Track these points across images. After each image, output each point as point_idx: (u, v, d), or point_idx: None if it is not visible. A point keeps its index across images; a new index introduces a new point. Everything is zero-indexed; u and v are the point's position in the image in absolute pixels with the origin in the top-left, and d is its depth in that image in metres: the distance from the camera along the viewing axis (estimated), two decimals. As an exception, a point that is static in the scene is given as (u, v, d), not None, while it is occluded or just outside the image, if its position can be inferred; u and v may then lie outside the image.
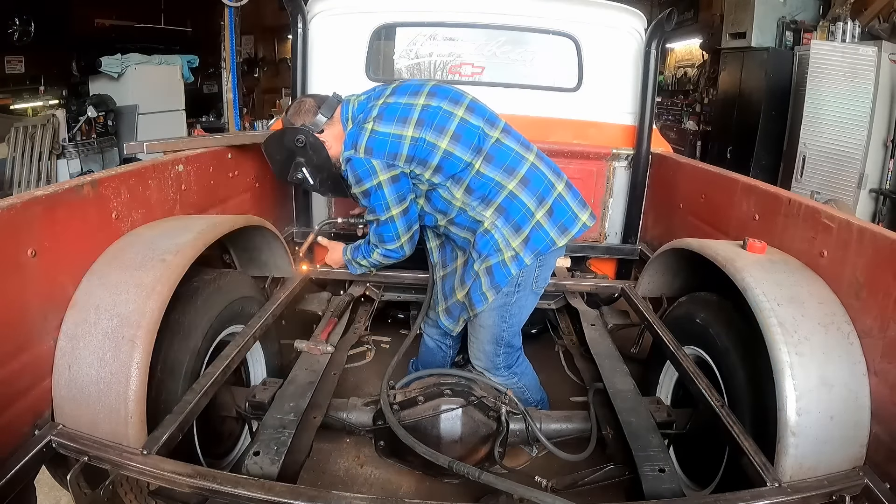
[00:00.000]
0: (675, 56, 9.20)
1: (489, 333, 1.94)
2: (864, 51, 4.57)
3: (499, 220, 1.82)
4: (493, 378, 1.96)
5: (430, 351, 2.19)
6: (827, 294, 1.50)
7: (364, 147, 1.78)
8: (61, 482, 1.49)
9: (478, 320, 1.94)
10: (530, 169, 1.83)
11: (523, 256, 1.82)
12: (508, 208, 1.81)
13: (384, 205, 1.84)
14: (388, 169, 1.78)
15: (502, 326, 1.93)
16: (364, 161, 1.78)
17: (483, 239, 1.84)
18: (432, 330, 2.22)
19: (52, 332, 1.38)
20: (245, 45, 9.59)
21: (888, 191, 4.60)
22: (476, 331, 1.98)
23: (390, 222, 1.88)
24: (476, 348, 2.01)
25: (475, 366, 2.03)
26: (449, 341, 2.19)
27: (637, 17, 2.69)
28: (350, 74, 2.70)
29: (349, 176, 1.84)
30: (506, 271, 1.82)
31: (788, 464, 1.32)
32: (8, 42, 6.04)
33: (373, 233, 1.96)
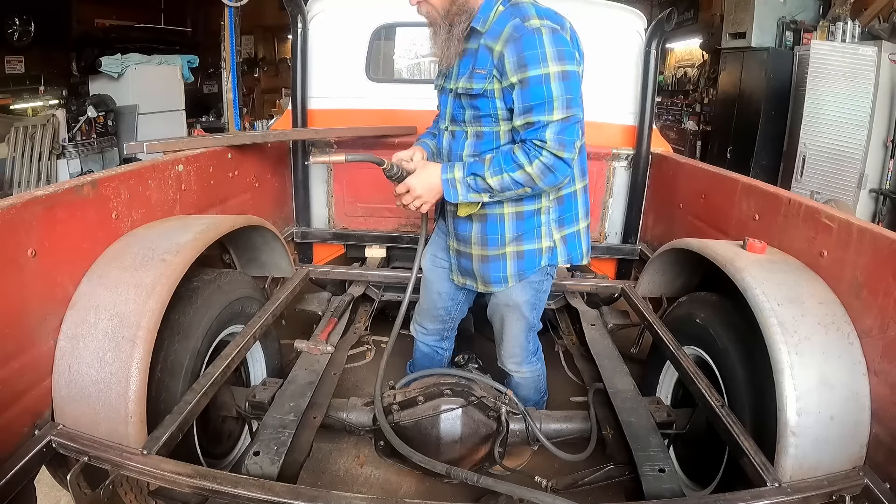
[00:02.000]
0: (675, 56, 9.19)
1: (524, 324, 1.85)
2: (864, 51, 4.57)
3: (555, 206, 1.69)
4: (525, 369, 1.94)
5: (426, 356, 2.16)
6: (827, 294, 1.50)
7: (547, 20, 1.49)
8: (61, 482, 1.49)
9: (512, 315, 1.83)
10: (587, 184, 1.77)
11: (558, 252, 1.72)
12: (567, 202, 1.71)
13: (574, 97, 1.49)
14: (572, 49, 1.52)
15: (534, 314, 1.86)
16: (561, 35, 1.48)
17: (529, 220, 1.68)
18: (426, 337, 2.13)
19: (52, 332, 1.38)
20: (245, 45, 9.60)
21: (888, 191, 4.60)
22: (510, 327, 1.87)
23: (577, 121, 1.51)
24: (511, 344, 1.91)
25: (509, 368, 1.95)
26: (445, 344, 2.15)
27: (637, 17, 2.69)
28: (350, 74, 2.70)
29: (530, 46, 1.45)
30: (537, 260, 1.72)
31: (788, 464, 1.32)
32: (8, 42, 6.04)
33: (545, 135, 1.48)
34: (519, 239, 1.69)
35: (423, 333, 2.12)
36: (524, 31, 1.46)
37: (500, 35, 1.50)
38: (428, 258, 1.97)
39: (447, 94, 1.71)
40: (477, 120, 1.62)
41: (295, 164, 2.71)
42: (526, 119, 1.49)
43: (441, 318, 2.05)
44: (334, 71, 2.70)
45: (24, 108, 6.20)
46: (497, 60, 1.51)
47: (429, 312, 2.06)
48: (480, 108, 1.59)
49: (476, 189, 1.56)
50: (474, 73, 1.57)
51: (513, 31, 1.48)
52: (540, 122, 1.47)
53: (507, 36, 1.48)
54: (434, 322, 2.07)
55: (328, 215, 2.84)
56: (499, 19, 1.53)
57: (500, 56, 1.50)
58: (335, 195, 2.80)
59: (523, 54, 1.46)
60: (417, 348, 2.17)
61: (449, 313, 2.04)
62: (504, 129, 1.59)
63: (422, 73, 2.85)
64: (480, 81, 1.55)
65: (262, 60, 10.31)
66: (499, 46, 1.50)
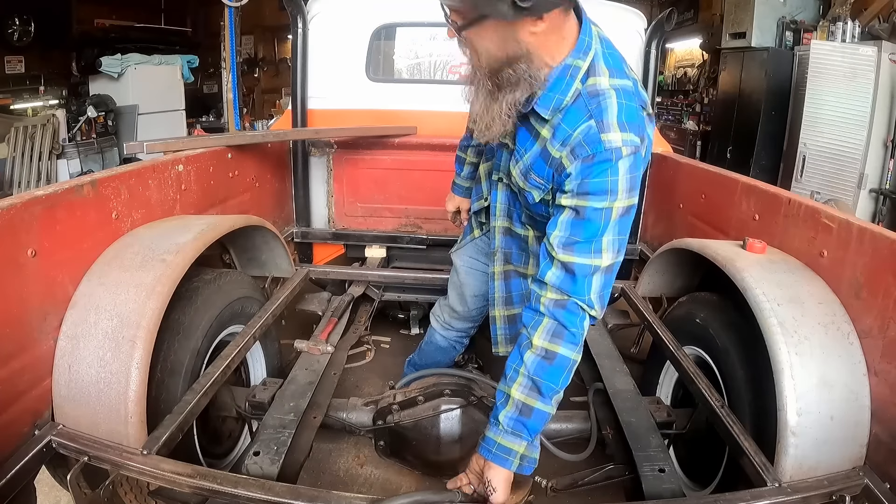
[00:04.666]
0: (675, 56, 9.19)
1: None
2: (864, 51, 4.57)
3: None
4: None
5: (441, 349, 2.06)
6: (827, 294, 1.50)
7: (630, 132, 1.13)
8: (61, 482, 1.49)
9: None
10: None
11: None
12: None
13: (623, 239, 1.20)
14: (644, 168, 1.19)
15: None
16: (639, 157, 1.14)
17: None
18: (449, 332, 2.01)
19: (52, 332, 1.38)
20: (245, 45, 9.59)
21: (888, 191, 4.60)
22: None
23: (617, 268, 1.22)
24: None
25: None
26: (465, 341, 2.07)
27: (637, 17, 2.69)
28: (350, 74, 2.70)
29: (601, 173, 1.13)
30: None
31: (788, 464, 1.32)
32: (8, 42, 6.04)
33: (591, 296, 1.18)
34: None
35: (446, 329, 2.00)
36: (599, 149, 1.13)
37: (569, 141, 1.17)
38: (464, 260, 1.85)
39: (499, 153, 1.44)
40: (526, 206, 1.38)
41: (295, 164, 2.71)
42: (567, 256, 1.16)
43: (472, 318, 1.96)
44: (334, 71, 2.69)
45: (24, 108, 6.20)
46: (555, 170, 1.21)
47: (460, 314, 1.95)
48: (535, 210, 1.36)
49: (534, 431, 1.20)
50: (529, 177, 1.29)
51: (584, 142, 1.14)
52: (584, 267, 1.16)
53: (576, 146, 1.15)
54: (463, 322, 1.98)
55: (328, 215, 2.83)
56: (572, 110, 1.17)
57: (559, 166, 1.19)
58: (335, 195, 2.80)
59: (590, 181, 1.14)
60: (433, 339, 2.05)
61: (481, 314, 1.94)
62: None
63: (422, 73, 2.85)
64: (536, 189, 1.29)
65: (262, 60, 10.31)
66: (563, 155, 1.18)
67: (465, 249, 1.86)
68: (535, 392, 1.18)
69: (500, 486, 1.18)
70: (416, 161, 2.66)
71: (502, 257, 1.60)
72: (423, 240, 2.75)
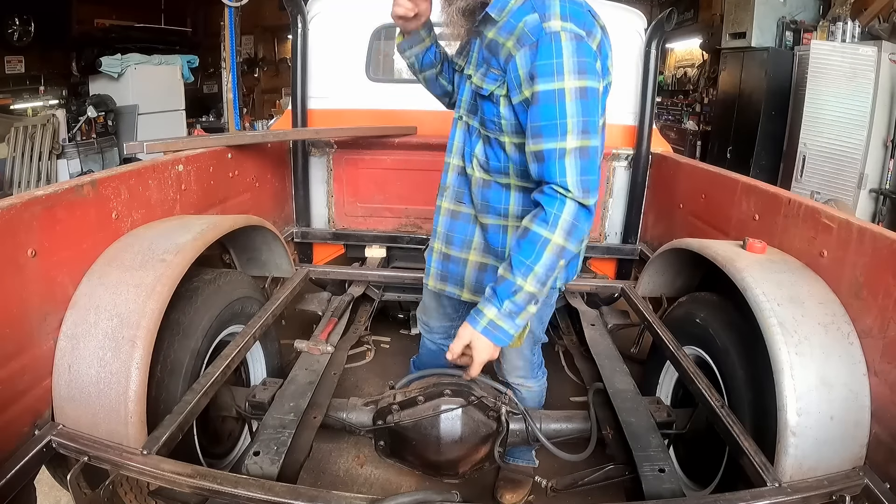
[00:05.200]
0: (675, 56, 9.20)
1: (530, 338, 1.72)
2: (864, 51, 4.57)
3: None
4: (532, 383, 1.84)
5: (433, 353, 2.13)
6: (827, 294, 1.50)
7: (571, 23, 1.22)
8: (61, 482, 1.49)
9: None
10: None
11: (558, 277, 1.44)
12: None
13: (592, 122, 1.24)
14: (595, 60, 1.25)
15: (541, 328, 1.74)
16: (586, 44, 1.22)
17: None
18: (433, 335, 2.04)
19: (52, 332, 1.38)
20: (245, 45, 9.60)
21: (888, 191, 4.60)
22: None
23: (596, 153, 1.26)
24: (515, 357, 1.79)
25: (512, 381, 1.82)
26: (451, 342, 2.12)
27: (637, 17, 2.69)
28: (350, 74, 2.70)
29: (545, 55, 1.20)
30: None
31: (788, 464, 1.32)
32: (8, 42, 6.05)
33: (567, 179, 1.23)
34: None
35: (428, 331, 2.04)
36: (541, 34, 1.22)
37: (514, 31, 1.28)
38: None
39: (465, 79, 1.50)
40: (483, 124, 1.44)
41: (295, 164, 2.71)
42: (536, 145, 1.25)
43: (449, 315, 1.96)
44: (334, 71, 2.70)
45: (24, 108, 6.20)
46: (505, 61, 1.30)
47: (435, 311, 1.97)
48: (486, 111, 1.41)
49: (518, 309, 1.29)
50: (489, 72, 1.37)
51: (527, 31, 1.25)
52: (552, 151, 1.23)
53: (521, 36, 1.26)
54: (441, 320, 1.99)
55: (328, 215, 2.84)
56: (519, 9, 1.30)
57: (508, 57, 1.29)
58: (335, 195, 2.80)
59: (536, 64, 1.22)
60: (424, 345, 2.10)
61: (457, 311, 1.94)
62: (510, 143, 1.40)
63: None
64: (491, 83, 1.35)
65: (262, 60, 10.32)
66: (510, 44, 1.28)
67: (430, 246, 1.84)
68: (508, 265, 1.28)
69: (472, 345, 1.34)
70: (415, 161, 2.66)
71: (452, 195, 1.60)
72: (423, 240, 2.75)
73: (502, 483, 2.02)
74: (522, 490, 2.01)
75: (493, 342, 1.32)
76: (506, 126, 1.38)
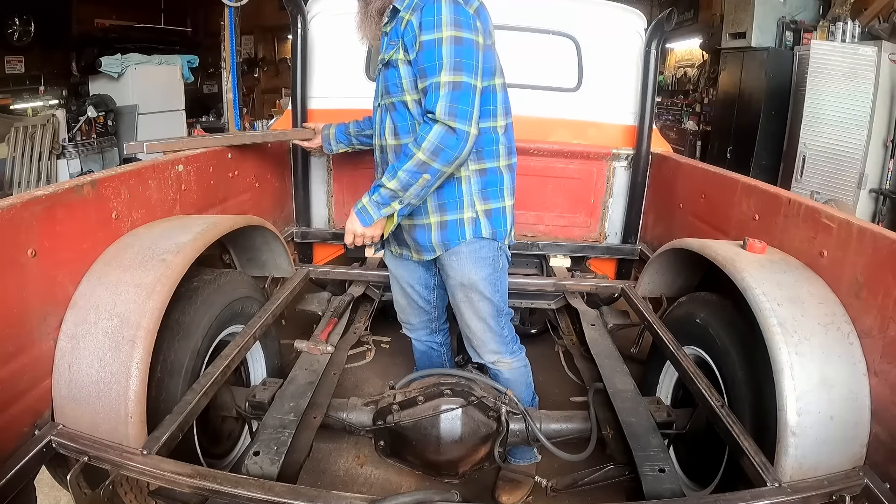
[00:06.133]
0: (675, 56, 9.19)
1: (490, 307, 1.78)
2: (864, 51, 4.57)
3: (476, 178, 1.68)
4: (509, 359, 1.88)
5: (424, 354, 2.15)
6: (827, 294, 1.50)
7: None
8: (61, 482, 1.49)
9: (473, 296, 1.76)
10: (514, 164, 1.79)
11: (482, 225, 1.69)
12: (490, 176, 1.70)
13: (466, 63, 1.48)
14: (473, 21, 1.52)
15: (498, 296, 1.80)
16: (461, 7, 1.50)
17: (450, 189, 1.67)
18: (417, 333, 2.10)
19: (52, 332, 1.38)
20: (245, 45, 9.60)
21: (888, 191, 4.60)
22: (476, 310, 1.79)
23: (469, 88, 1.48)
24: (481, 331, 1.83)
25: (488, 360, 1.88)
26: (438, 338, 2.12)
27: (637, 17, 2.69)
28: (350, 74, 2.70)
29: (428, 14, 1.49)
30: (461, 231, 1.69)
31: (788, 464, 1.32)
32: (8, 42, 6.05)
33: (436, 105, 1.46)
34: (442, 208, 1.69)
35: (411, 329, 2.11)
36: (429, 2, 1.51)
37: (410, 6, 1.56)
38: (388, 255, 1.95)
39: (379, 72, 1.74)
40: (388, 91, 1.66)
41: (295, 164, 2.71)
42: (422, 83, 1.52)
43: (422, 308, 2.02)
44: (334, 71, 2.69)
45: (24, 108, 6.20)
46: (404, 29, 1.55)
47: (409, 307, 2.03)
48: (389, 79, 1.63)
49: (383, 202, 1.58)
50: (388, 45, 1.64)
51: (418, 1, 1.54)
52: (430, 84, 1.48)
53: (414, 5, 1.54)
54: (418, 315, 2.04)
55: (328, 215, 2.84)
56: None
57: (407, 24, 1.54)
58: (335, 195, 2.80)
59: (422, 20, 1.50)
60: (415, 348, 2.16)
61: (428, 302, 2.00)
62: (411, 100, 1.61)
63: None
64: (389, 51, 1.61)
65: (262, 60, 10.31)
66: (407, 15, 1.56)
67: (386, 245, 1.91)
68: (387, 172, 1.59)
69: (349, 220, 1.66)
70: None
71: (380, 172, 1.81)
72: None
73: (501, 483, 2.03)
74: (521, 491, 2.02)
75: (360, 220, 1.63)
76: (406, 84, 1.59)
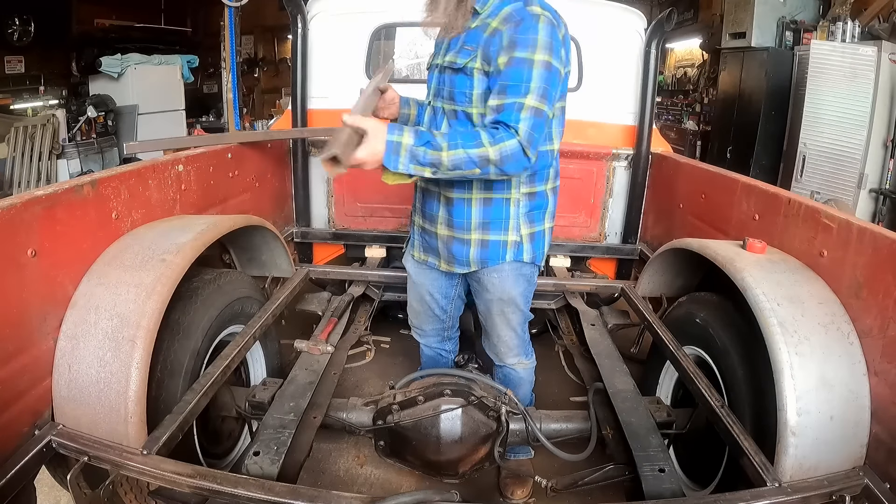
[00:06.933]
0: (675, 56, 9.19)
1: (521, 317, 1.82)
2: (864, 51, 4.57)
3: (525, 200, 1.65)
4: (527, 360, 1.91)
5: (431, 359, 2.12)
6: (827, 294, 1.50)
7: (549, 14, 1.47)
8: (61, 482, 1.49)
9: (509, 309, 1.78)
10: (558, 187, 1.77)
11: (524, 249, 1.67)
12: (538, 199, 1.68)
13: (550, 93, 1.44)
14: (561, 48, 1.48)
15: (528, 305, 1.83)
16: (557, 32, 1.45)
17: (497, 209, 1.63)
18: (428, 339, 2.08)
19: (52, 332, 1.38)
20: (245, 45, 9.59)
21: (888, 191, 4.59)
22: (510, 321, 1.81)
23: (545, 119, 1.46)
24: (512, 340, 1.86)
25: (510, 363, 1.91)
26: (448, 346, 2.11)
27: (637, 17, 2.69)
28: (350, 74, 2.70)
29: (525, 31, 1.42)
30: (501, 253, 1.67)
31: (788, 464, 1.32)
32: (8, 42, 6.04)
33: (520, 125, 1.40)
34: (486, 227, 1.64)
35: (421, 335, 2.08)
36: (525, 15, 1.44)
37: (499, 14, 1.48)
38: (410, 260, 1.88)
39: (434, 70, 1.68)
40: (452, 98, 1.59)
41: (295, 164, 2.71)
42: (500, 99, 1.43)
43: (438, 317, 2.00)
44: (334, 71, 2.70)
45: (24, 108, 6.20)
46: (488, 36, 1.47)
47: (424, 314, 2.00)
48: (457, 85, 1.56)
49: (422, 162, 1.39)
50: (462, 49, 1.54)
51: (513, 13, 1.46)
52: (513, 104, 1.40)
53: (507, 16, 1.46)
54: (432, 322, 2.02)
55: (328, 215, 2.84)
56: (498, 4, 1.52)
57: (493, 32, 1.47)
58: (335, 195, 2.80)
59: (517, 36, 1.43)
60: (422, 353, 2.14)
61: (444, 311, 1.98)
62: (476, 112, 1.55)
63: (422, 73, 2.84)
64: (465, 57, 1.53)
65: (262, 60, 10.31)
66: (495, 23, 1.47)
67: (408, 249, 1.88)
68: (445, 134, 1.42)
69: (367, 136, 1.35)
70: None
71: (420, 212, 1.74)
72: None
73: (508, 480, 2.02)
74: (528, 484, 2.01)
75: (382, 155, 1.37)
76: (476, 97, 1.53)
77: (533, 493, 2.00)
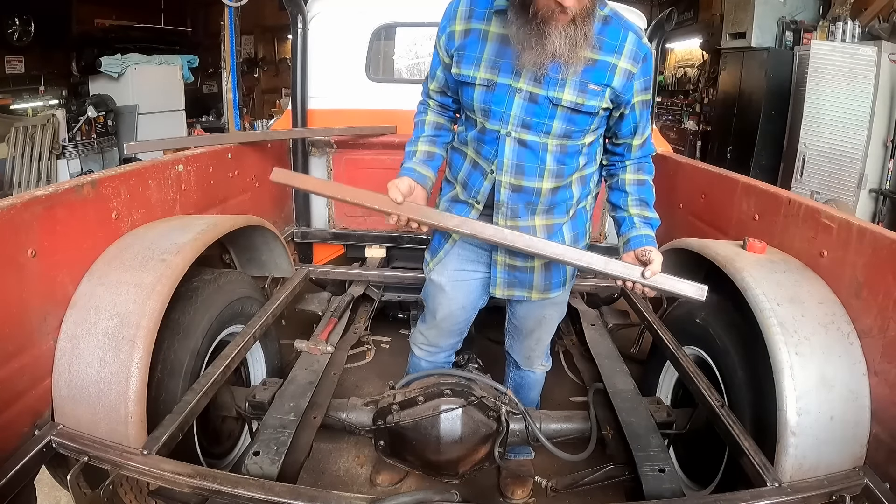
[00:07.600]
0: (675, 56, 9.19)
1: (557, 321, 1.85)
2: (864, 51, 4.57)
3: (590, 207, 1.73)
4: (549, 362, 1.98)
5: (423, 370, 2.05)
6: (827, 294, 1.50)
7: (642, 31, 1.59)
8: (61, 482, 1.49)
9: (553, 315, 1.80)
10: None
11: None
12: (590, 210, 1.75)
13: None
14: None
15: None
16: None
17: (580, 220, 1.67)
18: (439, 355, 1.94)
19: (52, 332, 1.38)
20: (245, 45, 9.60)
21: (888, 191, 4.60)
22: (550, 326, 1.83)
23: None
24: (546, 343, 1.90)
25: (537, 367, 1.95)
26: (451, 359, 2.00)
27: (637, 17, 2.69)
28: (350, 74, 2.70)
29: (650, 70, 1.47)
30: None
31: (788, 464, 1.32)
32: (8, 42, 6.05)
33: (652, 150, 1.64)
34: (575, 239, 1.66)
35: (434, 353, 1.93)
36: (647, 52, 1.44)
37: (624, 51, 1.40)
38: (449, 274, 1.71)
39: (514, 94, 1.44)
40: (568, 135, 1.48)
41: (295, 165, 2.71)
42: (642, 137, 1.56)
43: (460, 331, 1.90)
44: (334, 71, 2.70)
45: (24, 108, 6.20)
46: (621, 79, 1.41)
47: (448, 329, 1.86)
48: (577, 124, 1.46)
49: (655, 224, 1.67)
50: (588, 89, 1.41)
51: (638, 50, 1.41)
52: (650, 136, 1.59)
53: (634, 54, 1.40)
54: (451, 337, 1.90)
55: (328, 215, 2.84)
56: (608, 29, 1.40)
57: (629, 76, 1.41)
58: (335, 195, 2.80)
59: (650, 78, 1.48)
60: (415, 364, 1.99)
61: (468, 324, 1.89)
62: (587, 142, 1.53)
63: (422, 73, 2.84)
64: (594, 98, 1.41)
65: (262, 60, 10.31)
66: (627, 65, 1.40)
67: (446, 263, 1.70)
68: (646, 205, 1.65)
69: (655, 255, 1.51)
70: (416, 161, 2.66)
71: (508, 212, 1.57)
72: (422, 240, 2.75)
73: (509, 480, 2.03)
74: (528, 484, 2.02)
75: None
76: (596, 132, 1.55)
77: (533, 493, 2.00)
